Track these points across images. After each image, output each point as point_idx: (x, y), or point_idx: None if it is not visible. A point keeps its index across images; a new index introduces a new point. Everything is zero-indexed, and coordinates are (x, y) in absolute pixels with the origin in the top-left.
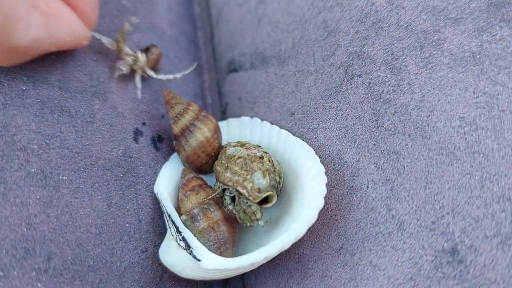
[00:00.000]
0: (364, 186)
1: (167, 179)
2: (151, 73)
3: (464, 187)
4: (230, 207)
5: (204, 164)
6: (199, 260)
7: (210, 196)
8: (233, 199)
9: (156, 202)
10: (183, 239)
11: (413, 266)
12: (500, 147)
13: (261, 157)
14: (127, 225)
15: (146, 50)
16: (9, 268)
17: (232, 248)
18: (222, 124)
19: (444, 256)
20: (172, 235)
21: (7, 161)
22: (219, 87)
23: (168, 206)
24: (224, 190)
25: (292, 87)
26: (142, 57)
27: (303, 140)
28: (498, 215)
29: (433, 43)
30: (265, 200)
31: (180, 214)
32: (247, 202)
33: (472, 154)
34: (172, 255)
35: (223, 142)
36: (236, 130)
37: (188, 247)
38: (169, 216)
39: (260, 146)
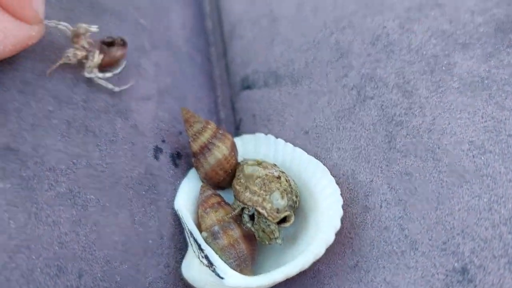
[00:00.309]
0: (377, 206)
1: (186, 195)
2: (96, 75)
3: (473, 209)
4: (249, 225)
5: (221, 180)
6: (222, 278)
7: (230, 215)
8: (251, 217)
9: (176, 218)
10: (206, 257)
11: (425, 284)
12: (507, 170)
13: (279, 177)
14: (150, 241)
15: (109, 44)
16: (43, 286)
17: (251, 265)
18: (236, 140)
19: (455, 275)
20: (194, 251)
21: (38, 181)
22: (232, 102)
23: (189, 223)
24: (242, 208)
25: (306, 106)
26: (96, 58)
27: (317, 159)
28: (505, 237)
29: (443, 68)
30: (283, 219)
31: (200, 230)
32: (266, 222)
33: (480, 177)
34: (195, 271)
35: (239, 159)
36: (251, 146)
37: (210, 264)
38: (191, 233)
39: (276, 165)
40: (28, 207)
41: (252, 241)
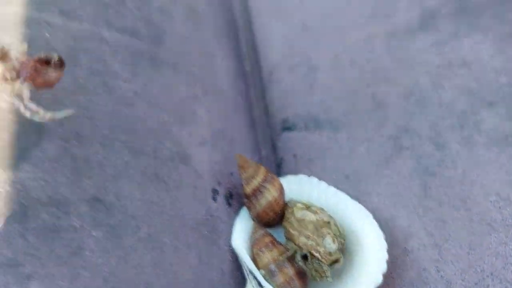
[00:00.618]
0: (415, 249)
1: (240, 234)
2: (21, 105)
3: (500, 255)
4: (301, 263)
5: (271, 220)
6: None
7: (286, 255)
8: (303, 257)
9: (233, 255)
10: None
11: None
12: None
13: (328, 222)
14: (214, 278)
15: (46, 63)
16: None
17: None
18: (281, 181)
19: None
20: (253, 286)
21: (123, 228)
22: (273, 141)
23: (249, 262)
24: (294, 249)
25: (346, 151)
26: (16, 88)
27: (359, 202)
28: None
29: (472, 124)
30: (334, 260)
31: (256, 267)
32: (319, 263)
33: (506, 226)
34: None
35: (285, 198)
36: (294, 186)
37: None
38: (250, 271)
39: (323, 209)
40: (117, 252)
41: (304, 278)
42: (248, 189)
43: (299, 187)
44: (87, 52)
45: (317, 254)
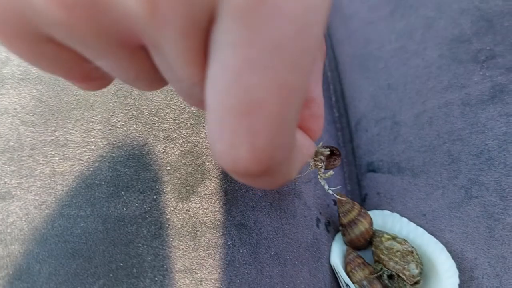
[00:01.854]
0: (480, 277)
1: (336, 254)
2: (322, 182)
3: None
4: (387, 281)
5: (361, 245)
6: None
7: (375, 274)
8: (389, 277)
9: (331, 271)
10: None
11: None
12: None
13: (412, 252)
14: None
15: (332, 154)
16: None
17: None
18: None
19: None
20: None
21: (259, 246)
22: (358, 179)
23: (345, 277)
24: (381, 269)
25: (424, 195)
26: (323, 171)
27: (434, 237)
28: None
29: None
30: (415, 282)
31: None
32: (403, 283)
33: None
34: None
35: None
36: (379, 219)
37: None
38: (347, 285)
39: (406, 241)
40: (256, 265)
41: None
42: (345, 220)
43: (383, 221)
44: None
45: (403, 276)
